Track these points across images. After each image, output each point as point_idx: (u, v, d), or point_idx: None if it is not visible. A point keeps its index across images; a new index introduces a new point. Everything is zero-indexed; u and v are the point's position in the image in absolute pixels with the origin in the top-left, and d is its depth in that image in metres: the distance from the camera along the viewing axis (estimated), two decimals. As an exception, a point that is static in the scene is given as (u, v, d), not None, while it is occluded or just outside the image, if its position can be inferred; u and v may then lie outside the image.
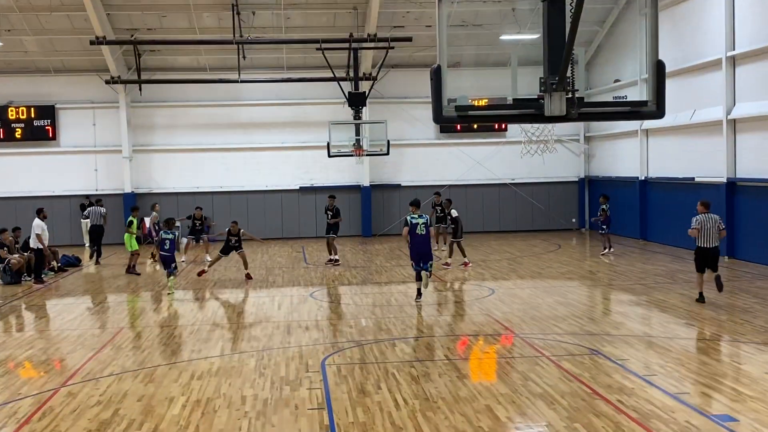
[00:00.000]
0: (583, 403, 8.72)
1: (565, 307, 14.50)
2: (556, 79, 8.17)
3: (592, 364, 10.41)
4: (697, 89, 21.80)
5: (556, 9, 8.38)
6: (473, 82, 25.96)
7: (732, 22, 20.09)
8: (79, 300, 17.03)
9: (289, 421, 8.45)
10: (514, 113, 8.94)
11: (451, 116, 8.43)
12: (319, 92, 28.12)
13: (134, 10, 25.39)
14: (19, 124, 27.93)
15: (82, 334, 13.22)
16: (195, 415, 8.72)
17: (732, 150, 20.38)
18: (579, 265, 20.31)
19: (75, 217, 28.22)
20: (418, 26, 26.40)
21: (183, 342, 12.44)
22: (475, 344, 12.15)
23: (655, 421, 8.10)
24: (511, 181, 29.21)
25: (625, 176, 26.49)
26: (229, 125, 28.95)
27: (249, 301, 16.49)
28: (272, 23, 26.16)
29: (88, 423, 8.51)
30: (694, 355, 10.78)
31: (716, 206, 20.74)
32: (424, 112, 27.72)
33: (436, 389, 9.42)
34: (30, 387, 10.09)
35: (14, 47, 26.76)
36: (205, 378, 10.21)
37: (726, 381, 9.49)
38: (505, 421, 8.26)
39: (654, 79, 8.58)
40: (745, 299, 14.85)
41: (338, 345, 11.93)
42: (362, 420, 8.38)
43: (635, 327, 12.86)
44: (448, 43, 8.30)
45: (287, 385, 9.78)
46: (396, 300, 15.90)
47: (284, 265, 21.88)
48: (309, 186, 29.12)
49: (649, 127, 24.56)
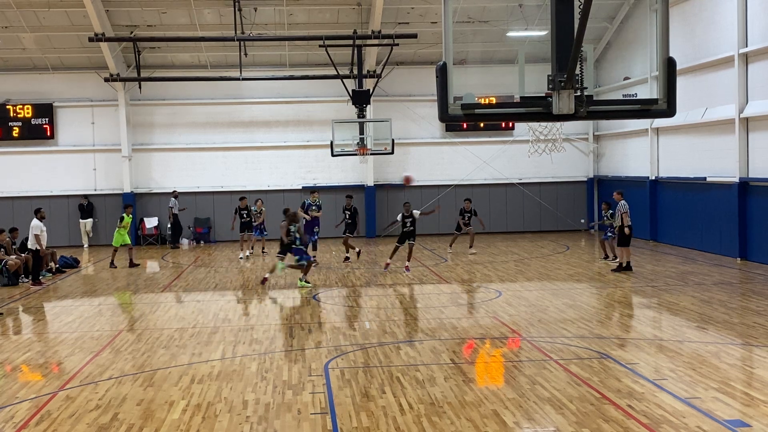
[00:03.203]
0: (591, 408, 8.59)
1: (574, 310, 14.34)
2: (564, 76, 8.09)
3: (600, 367, 10.27)
4: (709, 87, 21.59)
5: (564, 5, 8.30)
6: (480, 80, 26.00)
7: (744, 18, 19.87)
8: (77, 302, 16.86)
9: (292, 425, 8.32)
10: (522, 111, 8.87)
11: (457, 114, 8.35)
12: (322, 90, 27.97)
13: (133, 6, 25.24)
14: (16, 123, 27.75)
15: (80, 337, 13.06)
16: (195, 419, 8.60)
17: (744, 149, 20.15)
18: (588, 267, 20.12)
19: (73, 218, 28.09)
20: (423, 22, 26.22)
21: (183, 345, 12.27)
22: (482, 347, 11.98)
23: (665, 426, 7.97)
24: (518, 180, 29.02)
25: (635, 176, 26.28)
26: (231, 124, 28.82)
27: (251, 303, 16.32)
28: (274, 19, 26.02)
29: (86, 427, 8.39)
30: (705, 358, 10.60)
31: (728, 206, 20.66)
32: (430, 110, 27.75)
33: (442, 393, 9.27)
34: (27, 391, 9.94)
35: (11, 44, 26.62)
36: (206, 382, 10.07)
37: (738, 385, 9.34)
38: (512, 426, 8.14)
39: (664, 77, 8.49)
40: (758, 302, 14.67)
41: (342, 348, 11.76)
42: (366, 425, 8.25)
43: (645, 330, 12.71)
44: (454, 39, 8.23)
45: (290, 389, 9.64)
46: (401, 302, 15.75)
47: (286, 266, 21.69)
48: (312, 186, 28.94)
49: (659, 125, 24.34)
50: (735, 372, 9.97)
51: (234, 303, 16.45)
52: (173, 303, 16.35)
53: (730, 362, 10.42)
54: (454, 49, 8.15)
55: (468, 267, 20.37)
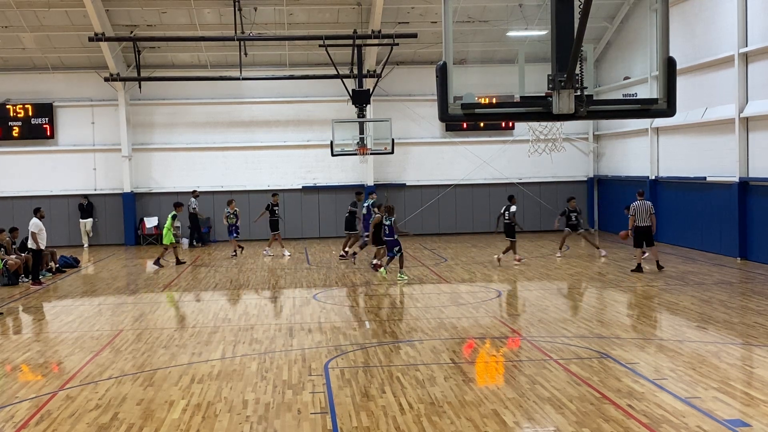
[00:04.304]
0: (591, 408, 8.58)
1: (574, 310, 14.34)
2: (564, 76, 8.08)
3: (600, 367, 10.25)
4: (709, 86, 21.57)
5: (564, 5, 8.30)
6: (480, 79, 25.97)
7: (745, 17, 19.84)
8: (77, 302, 16.85)
9: (292, 425, 8.31)
10: (522, 111, 8.86)
11: (457, 114, 8.35)
12: (322, 90, 27.95)
13: (133, 5, 25.22)
14: (16, 123, 27.74)
15: (80, 337, 13.06)
16: (195, 419, 8.59)
17: (744, 149, 20.13)
18: (588, 267, 20.10)
19: (73, 218, 28.07)
20: (423, 22, 26.21)
21: (183, 344, 12.26)
22: (482, 347, 11.97)
23: (665, 426, 7.96)
24: (518, 180, 28.99)
25: (635, 176, 26.24)
26: (230, 123, 28.80)
27: (251, 302, 16.30)
28: (274, 19, 26.00)
29: (86, 427, 8.38)
30: (705, 358, 10.58)
31: (728, 206, 20.63)
32: (430, 109, 27.72)
33: (442, 393, 9.26)
34: (27, 390, 9.93)
35: (11, 44, 26.61)
36: (206, 381, 10.07)
37: (738, 385, 9.33)
38: (512, 426, 8.13)
39: (664, 77, 8.49)
40: (758, 301, 14.65)
41: (342, 348, 11.76)
42: (366, 424, 8.23)
43: (645, 330, 12.69)
44: (454, 39, 8.23)
45: (290, 388, 9.64)
46: (401, 302, 15.74)
47: (287, 266, 21.71)
48: (312, 186, 28.95)
49: (659, 125, 24.32)
50: (735, 372, 9.96)
51: (234, 303, 16.45)
52: (175, 302, 16.32)
53: (730, 362, 10.41)
54: (454, 49, 8.14)
55: (468, 267, 20.35)
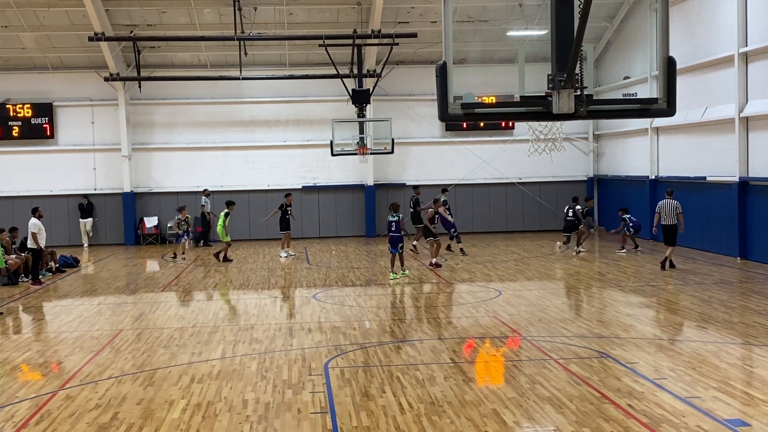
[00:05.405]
0: (591, 407, 8.58)
1: (574, 309, 14.34)
2: (564, 76, 8.07)
3: (600, 367, 10.26)
4: (709, 86, 21.56)
5: (564, 4, 8.28)
6: (480, 79, 25.97)
7: (745, 17, 19.83)
8: (77, 301, 16.85)
9: (292, 425, 8.31)
10: (522, 111, 8.84)
11: (457, 114, 8.32)
12: (322, 90, 27.94)
13: (133, 5, 25.21)
14: (16, 122, 27.70)
15: (80, 336, 13.06)
16: (195, 419, 8.59)
17: (744, 149, 20.12)
18: (588, 266, 20.10)
19: (73, 217, 28.06)
20: (423, 22, 26.20)
21: (183, 344, 12.26)
22: (482, 347, 11.97)
23: (665, 425, 7.97)
24: (518, 180, 28.99)
25: (635, 175, 26.24)
26: (230, 123, 28.79)
27: (250, 302, 16.30)
28: (274, 19, 26.00)
29: (86, 427, 8.39)
30: (705, 358, 10.59)
31: (728, 206, 20.62)
32: (430, 109, 27.70)
33: (442, 393, 9.27)
34: (27, 390, 9.93)
35: (11, 44, 26.58)
36: (206, 381, 10.07)
37: (738, 384, 9.33)
38: (512, 426, 8.13)
39: (664, 76, 8.46)
40: (758, 301, 14.66)
41: (341, 348, 11.76)
42: (366, 424, 8.24)
43: (645, 329, 12.68)
44: (454, 39, 8.20)
45: (290, 388, 9.64)
46: (401, 302, 15.73)
47: (287, 266, 21.71)
48: (312, 185, 28.94)
49: (659, 125, 24.31)
50: (735, 371, 9.96)
51: (234, 302, 16.45)
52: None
53: (730, 361, 10.41)
54: (454, 49, 8.12)
55: (468, 267, 20.35)
